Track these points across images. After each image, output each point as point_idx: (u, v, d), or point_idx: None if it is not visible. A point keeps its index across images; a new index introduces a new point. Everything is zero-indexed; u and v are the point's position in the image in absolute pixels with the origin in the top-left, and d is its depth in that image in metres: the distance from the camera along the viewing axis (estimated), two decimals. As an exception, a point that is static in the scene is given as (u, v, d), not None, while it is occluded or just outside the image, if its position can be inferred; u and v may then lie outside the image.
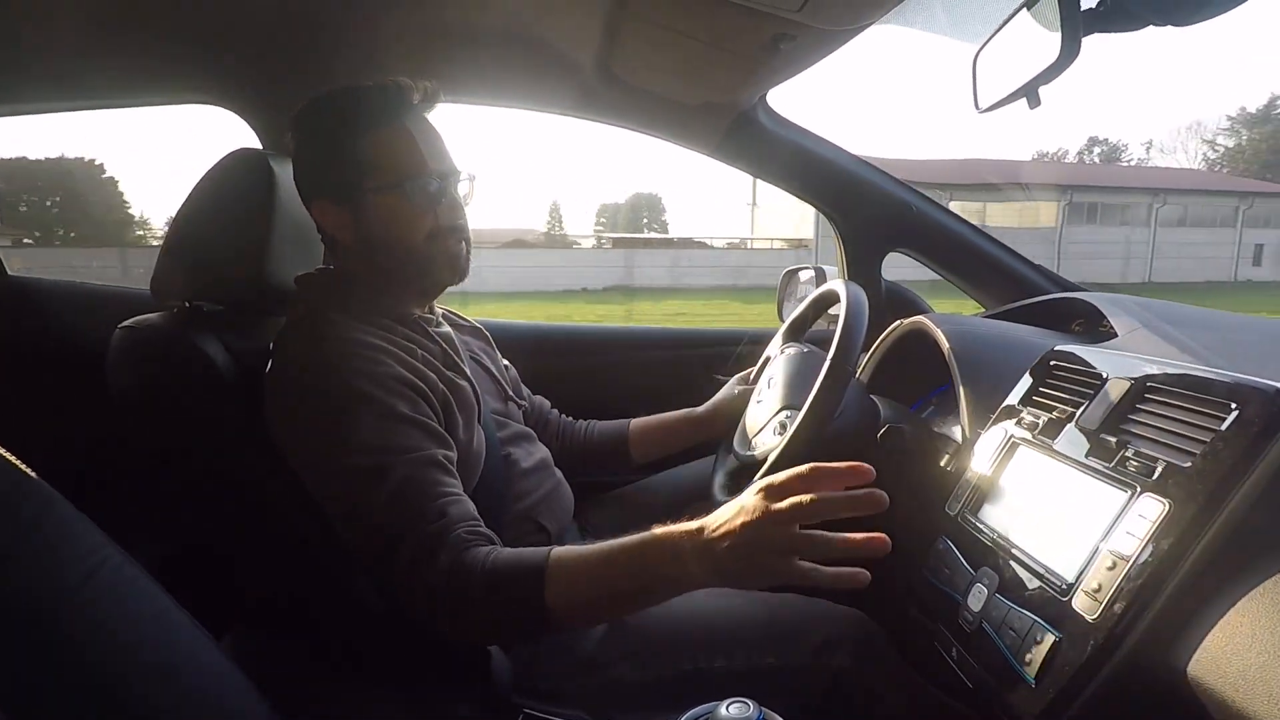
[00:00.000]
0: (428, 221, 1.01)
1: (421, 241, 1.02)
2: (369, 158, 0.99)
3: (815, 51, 1.22)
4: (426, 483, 0.87)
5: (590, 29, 1.30)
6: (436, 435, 0.93)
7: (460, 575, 0.80)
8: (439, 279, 1.06)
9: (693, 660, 0.98)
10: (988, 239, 1.67)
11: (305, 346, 0.95)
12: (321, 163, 1.01)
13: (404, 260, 1.03)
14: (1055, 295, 1.43)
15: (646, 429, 1.37)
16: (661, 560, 0.78)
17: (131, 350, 1.00)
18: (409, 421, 0.90)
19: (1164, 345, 0.95)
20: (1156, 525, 0.66)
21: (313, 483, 0.91)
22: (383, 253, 1.02)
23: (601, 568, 0.79)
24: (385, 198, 1.00)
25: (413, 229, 1.01)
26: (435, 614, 0.82)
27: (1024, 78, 0.94)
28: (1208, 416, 0.69)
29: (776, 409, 1.09)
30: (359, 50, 1.41)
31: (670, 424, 1.37)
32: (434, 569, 0.81)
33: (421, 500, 0.85)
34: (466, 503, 0.89)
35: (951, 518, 0.91)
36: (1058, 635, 0.69)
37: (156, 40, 1.32)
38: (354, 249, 1.03)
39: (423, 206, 1.00)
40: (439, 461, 0.90)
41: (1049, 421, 0.86)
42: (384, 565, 0.84)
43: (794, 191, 1.73)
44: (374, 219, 1.00)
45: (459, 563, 0.81)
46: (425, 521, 0.84)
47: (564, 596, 0.79)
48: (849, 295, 1.05)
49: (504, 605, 0.80)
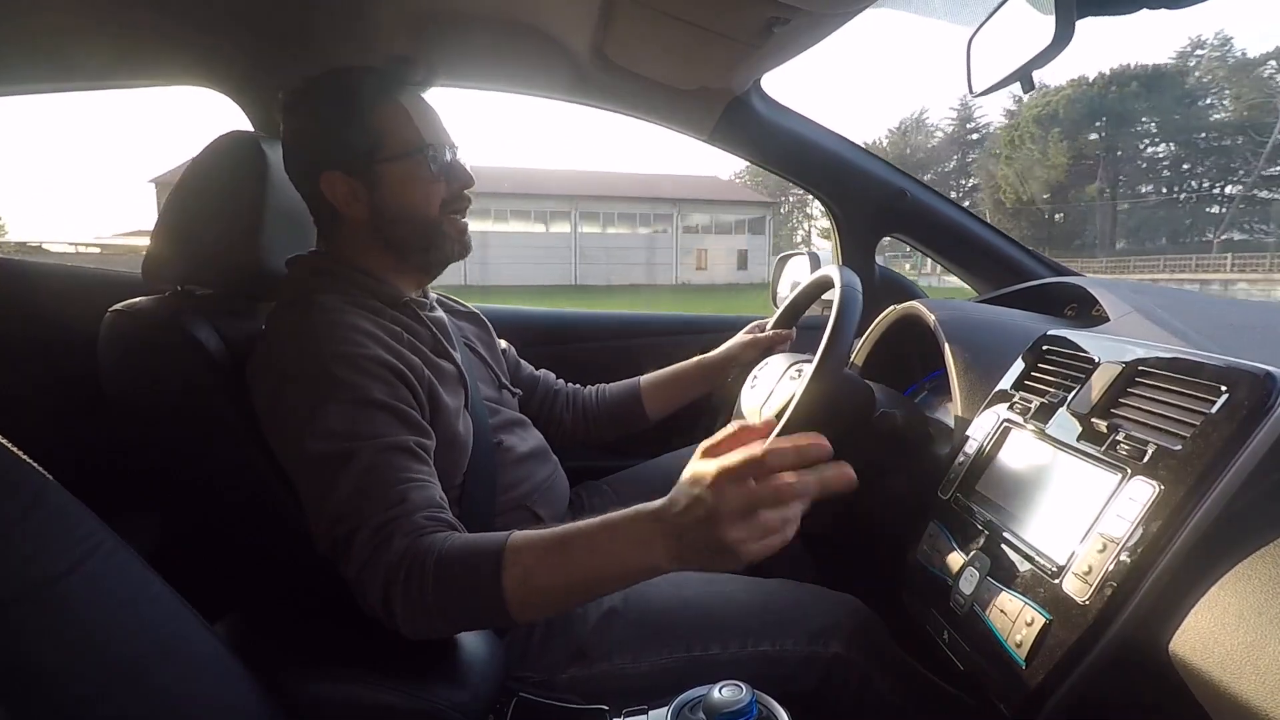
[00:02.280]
0: (440, 190, 1.03)
1: (435, 211, 1.03)
2: (379, 129, 1.00)
3: (809, 35, 1.21)
4: (391, 469, 0.84)
5: (585, 13, 1.29)
6: (411, 422, 0.90)
7: (413, 560, 0.77)
8: (447, 252, 1.06)
9: (687, 648, 0.99)
10: (982, 224, 1.68)
11: (288, 330, 0.94)
12: (330, 134, 1.00)
13: (417, 231, 1.03)
14: (1048, 280, 1.44)
15: (658, 382, 1.39)
16: (623, 545, 0.74)
17: (122, 334, 1.00)
18: (382, 407, 0.88)
19: (1155, 329, 0.95)
20: (1147, 508, 0.66)
21: (288, 469, 0.90)
22: (397, 223, 1.02)
23: (560, 551, 0.75)
24: (398, 166, 1.00)
25: (428, 198, 1.02)
26: (390, 604, 0.78)
27: (1018, 61, 0.94)
28: (1198, 400, 0.69)
29: (769, 394, 1.10)
30: (352, 32, 1.39)
31: (682, 374, 1.38)
32: (388, 554, 0.78)
33: (383, 487, 0.82)
34: (432, 489, 0.86)
35: (944, 501, 0.91)
36: (1048, 617, 0.70)
37: (147, 22, 1.30)
38: (366, 222, 1.03)
39: (436, 175, 1.02)
40: (409, 448, 0.87)
41: (1041, 405, 0.86)
42: (341, 555, 0.82)
43: (789, 177, 1.73)
44: (388, 189, 1.01)
45: (413, 548, 0.78)
46: (383, 508, 0.81)
47: (521, 581, 0.75)
48: (843, 280, 1.06)
49: (459, 591, 0.77)
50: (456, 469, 1.00)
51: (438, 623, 0.79)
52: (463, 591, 0.77)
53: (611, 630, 1.00)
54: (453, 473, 0.99)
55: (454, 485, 1.00)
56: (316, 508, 0.84)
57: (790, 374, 1.11)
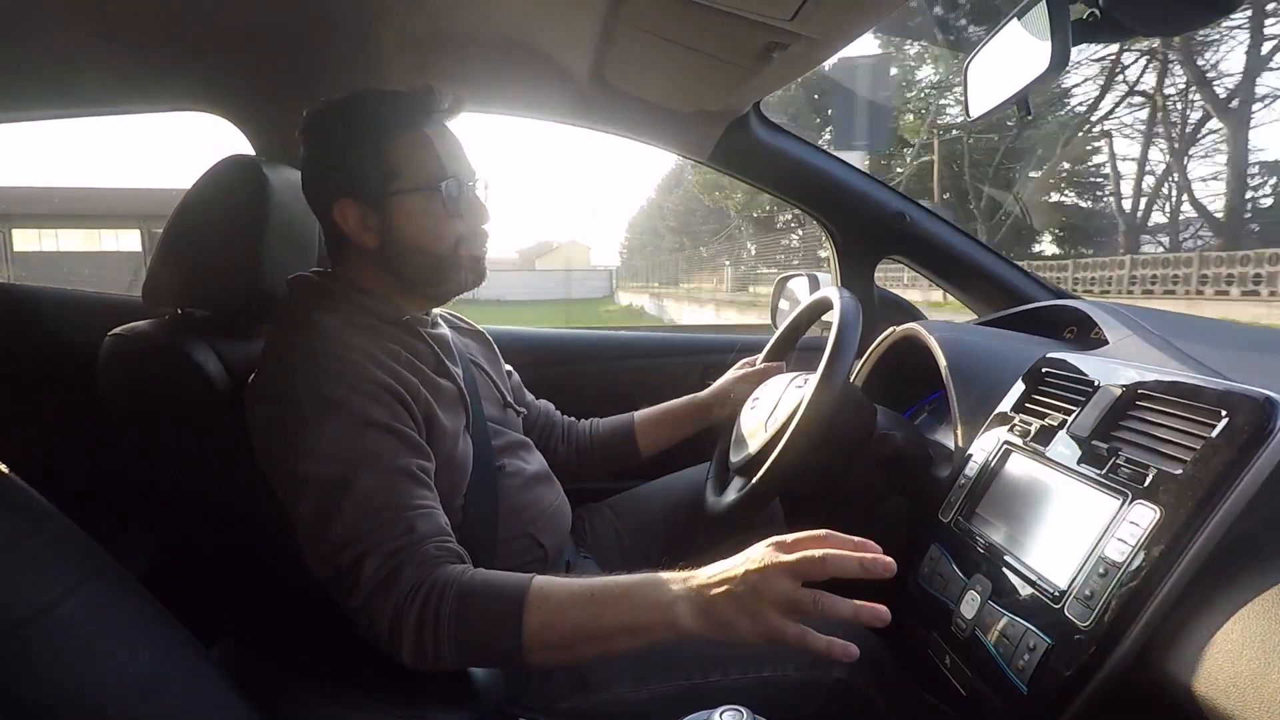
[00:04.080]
0: (455, 226, 1.00)
1: (449, 248, 1.01)
2: (397, 158, 0.97)
3: (807, 60, 1.22)
4: (395, 494, 0.84)
5: (585, 36, 1.30)
6: (412, 444, 0.90)
7: (429, 592, 0.77)
8: (460, 283, 1.04)
9: (688, 677, 0.98)
10: (981, 247, 1.68)
11: (285, 349, 0.93)
12: (345, 161, 0.98)
13: (429, 265, 1.01)
14: (1048, 302, 1.44)
15: (651, 419, 1.37)
16: (650, 602, 0.75)
17: (122, 357, 1.00)
18: (382, 428, 0.87)
19: (1155, 353, 0.95)
20: (1148, 532, 0.66)
21: (281, 494, 0.88)
22: (408, 255, 1.00)
23: (585, 602, 0.76)
24: (413, 200, 0.98)
25: (440, 233, 1.00)
26: (400, 636, 0.77)
27: (1015, 86, 0.95)
28: (1198, 424, 0.69)
29: (769, 415, 1.09)
30: (354, 57, 1.41)
31: (675, 411, 1.37)
32: (398, 586, 0.78)
33: (388, 513, 0.82)
34: (438, 516, 0.86)
35: (944, 524, 0.91)
36: (1050, 642, 0.69)
37: (150, 47, 1.31)
38: (377, 252, 1.01)
39: (449, 210, 0.99)
40: (411, 472, 0.87)
41: (1041, 428, 0.86)
42: (345, 585, 0.81)
43: (788, 199, 1.74)
44: (401, 221, 0.98)
45: (428, 581, 0.78)
46: (391, 537, 0.80)
47: (543, 627, 0.75)
48: (842, 302, 1.06)
49: (478, 628, 0.77)
50: (456, 492, 0.99)
51: (447, 656, 0.78)
52: (482, 629, 0.77)
53: (613, 661, 0.99)
54: (452, 496, 0.98)
55: (454, 509, 0.99)
56: (315, 533, 0.83)
57: (796, 383, 1.10)
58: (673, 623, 0.74)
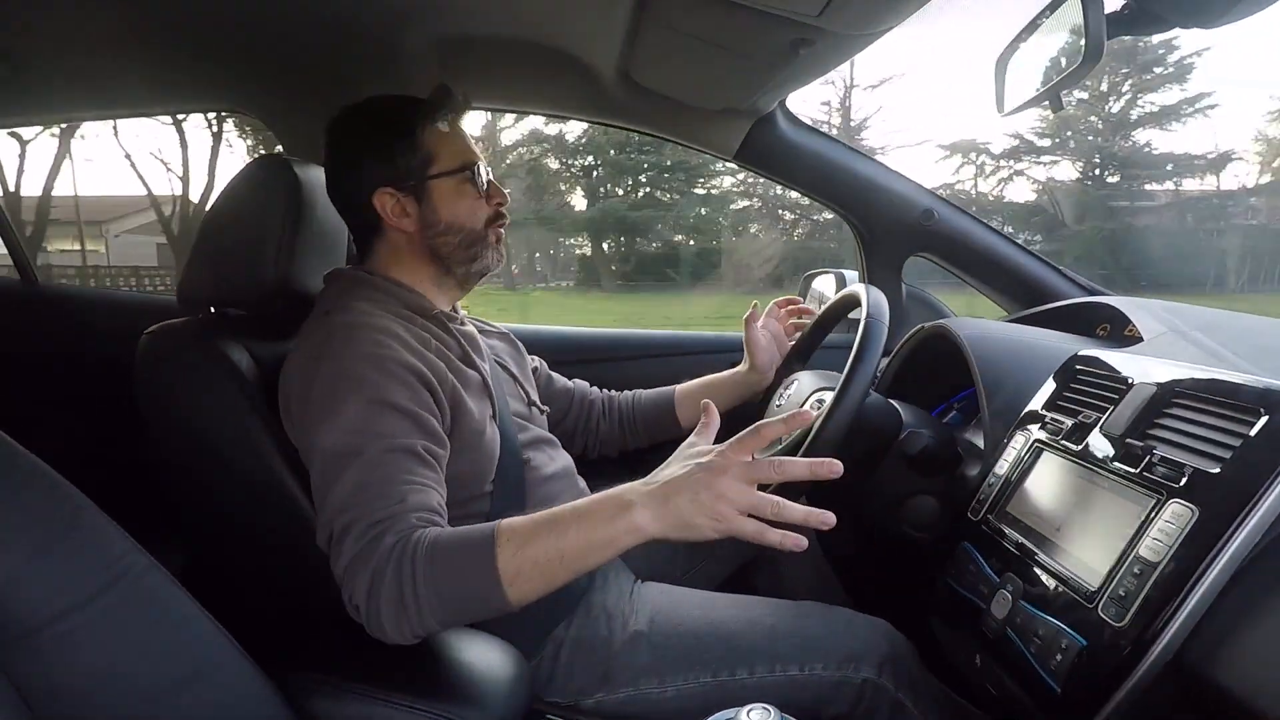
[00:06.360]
0: (484, 206, 1.09)
1: (482, 224, 1.09)
2: (429, 148, 1.05)
3: (834, 56, 1.21)
4: (395, 469, 0.86)
5: (610, 35, 1.31)
6: (425, 428, 0.91)
7: (402, 551, 0.78)
8: (488, 261, 1.12)
9: (714, 672, 0.98)
10: (1011, 244, 1.66)
11: (321, 332, 0.96)
12: (382, 152, 1.04)
13: (465, 242, 1.08)
14: (1080, 299, 1.42)
15: (692, 393, 1.40)
16: (608, 511, 0.78)
17: (157, 356, 1.02)
18: (399, 410, 0.89)
19: (1191, 349, 0.93)
20: (1184, 532, 0.65)
21: (306, 463, 0.92)
22: (447, 235, 1.07)
23: (551, 526, 0.79)
24: (448, 182, 1.06)
25: (474, 211, 1.08)
26: (378, 601, 0.78)
27: (1047, 81, 0.94)
28: (1236, 422, 0.68)
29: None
30: (383, 59, 1.42)
31: (716, 383, 1.40)
32: (377, 550, 0.79)
33: (384, 486, 0.84)
34: (432, 494, 0.87)
35: (974, 523, 0.90)
36: (1084, 642, 0.68)
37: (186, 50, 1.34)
38: (413, 236, 1.06)
39: (481, 190, 1.08)
40: (417, 452, 0.88)
41: (1073, 426, 0.85)
42: (333, 549, 0.83)
43: (815, 196, 1.73)
44: (438, 202, 1.06)
45: (402, 541, 0.79)
46: (382, 507, 0.82)
47: (516, 558, 0.78)
48: (870, 299, 1.05)
49: (453, 574, 0.78)
50: (484, 477, 1.01)
51: (428, 611, 0.78)
52: (458, 575, 0.78)
53: (638, 654, 0.99)
54: (480, 480, 1.01)
55: (481, 493, 1.01)
56: (320, 501, 0.86)
57: (812, 404, 1.10)
58: (636, 528, 0.77)
